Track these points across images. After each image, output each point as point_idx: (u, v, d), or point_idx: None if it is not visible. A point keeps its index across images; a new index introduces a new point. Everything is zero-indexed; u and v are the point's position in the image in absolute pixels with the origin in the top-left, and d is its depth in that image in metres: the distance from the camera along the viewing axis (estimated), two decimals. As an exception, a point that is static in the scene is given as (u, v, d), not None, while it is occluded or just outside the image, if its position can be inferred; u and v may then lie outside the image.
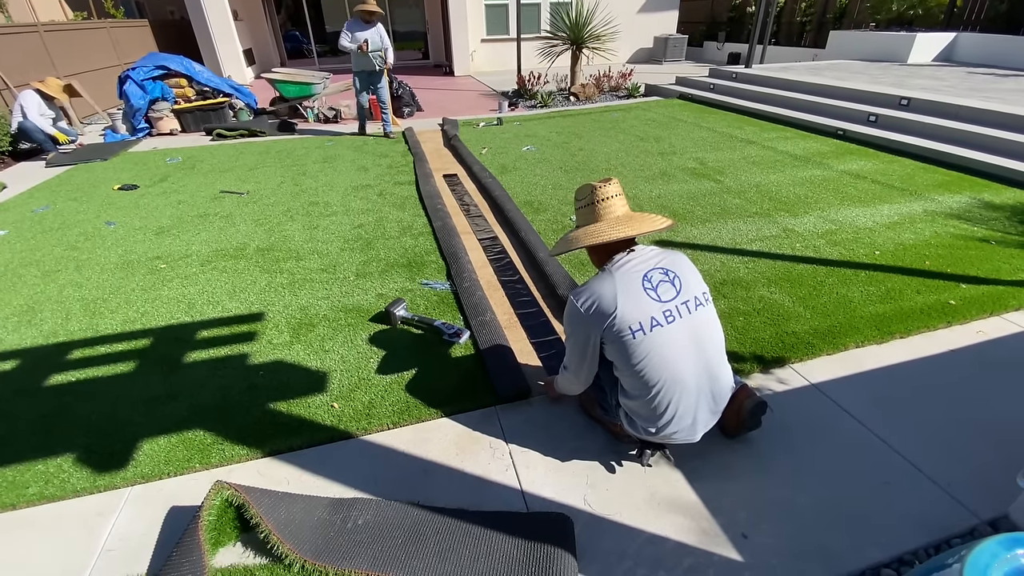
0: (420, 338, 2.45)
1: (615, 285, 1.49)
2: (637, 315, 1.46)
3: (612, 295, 1.48)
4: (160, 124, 6.96)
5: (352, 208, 4.14)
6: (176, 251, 3.47)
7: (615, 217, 1.58)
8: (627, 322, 1.46)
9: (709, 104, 7.97)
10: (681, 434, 1.57)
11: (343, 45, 5.50)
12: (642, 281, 1.50)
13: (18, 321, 2.70)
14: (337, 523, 1.53)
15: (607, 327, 1.48)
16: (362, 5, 5.43)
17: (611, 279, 1.51)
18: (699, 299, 1.54)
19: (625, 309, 1.46)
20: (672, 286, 1.51)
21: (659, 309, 1.48)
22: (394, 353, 2.35)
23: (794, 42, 12.82)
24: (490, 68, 13.23)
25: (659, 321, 1.47)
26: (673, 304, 1.49)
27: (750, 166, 4.87)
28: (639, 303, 1.47)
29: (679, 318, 1.49)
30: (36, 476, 1.77)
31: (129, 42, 10.58)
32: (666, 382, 1.48)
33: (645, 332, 1.46)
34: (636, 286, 1.49)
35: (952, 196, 4.01)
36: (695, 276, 1.58)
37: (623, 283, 1.49)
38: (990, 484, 1.64)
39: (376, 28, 5.59)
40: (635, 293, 1.48)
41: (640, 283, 1.50)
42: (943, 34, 9.53)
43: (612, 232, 1.54)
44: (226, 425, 1.96)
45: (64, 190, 4.85)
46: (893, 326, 2.41)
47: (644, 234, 1.57)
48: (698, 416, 1.55)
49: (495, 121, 7.21)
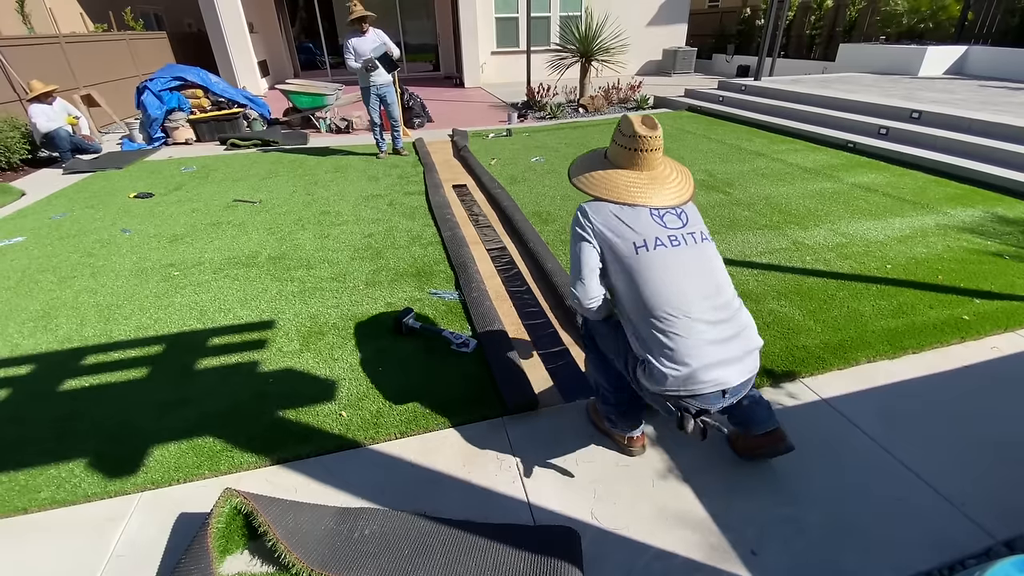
0: (428, 348, 2.46)
1: (622, 207, 1.50)
2: (642, 233, 1.46)
3: (618, 213, 1.49)
4: (176, 134, 7.10)
5: (362, 218, 4.18)
6: (189, 259, 3.52)
7: (649, 175, 1.54)
8: (632, 237, 1.45)
9: (718, 116, 7.98)
10: (709, 378, 1.38)
11: (349, 66, 5.33)
12: (649, 210, 1.50)
13: (34, 326, 2.75)
14: (344, 533, 1.53)
15: (612, 239, 1.47)
16: (350, 15, 5.16)
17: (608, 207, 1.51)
18: (704, 235, 1.53)
19: (630, 225, 1.47)
20: (678, 218, 1.51)
21: (664, 233, 1.47)
22: (402, 362, 2.36)
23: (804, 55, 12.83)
24: (500, 80, 13.37)
25: (663, 242, 1.45)
26: (679, 232, 1.48)
27: (759, 178, 4.86)
28: (645, 224, 1.47)
29: (685, 244, 1.47)
30: (48, 480, 1.79)
31: (147, 53, 10.82)
32: (673, 303, 1.39)
33: (648, 249, 1.44)
34: (643, 210, 1.50)
35: (965, 210, 3.97)
36: (700, 217, 1.59)
37: (631, 207, 1.50)
38: (1006, 503, 1.61)
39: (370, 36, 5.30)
40: (642, 216, 1.49)
41: (647, 210, 1.50)
42: (954, 47, 9.50)
43: (641, 196, 1.51)
44: (236, 432, 1.97)
45: (81, 197, 4.94)
46: (905, 341, 2.39)
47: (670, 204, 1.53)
48: (720, 353, 1.39)
49: (504, 132, 7.27)
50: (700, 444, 1.86)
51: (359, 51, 5.25)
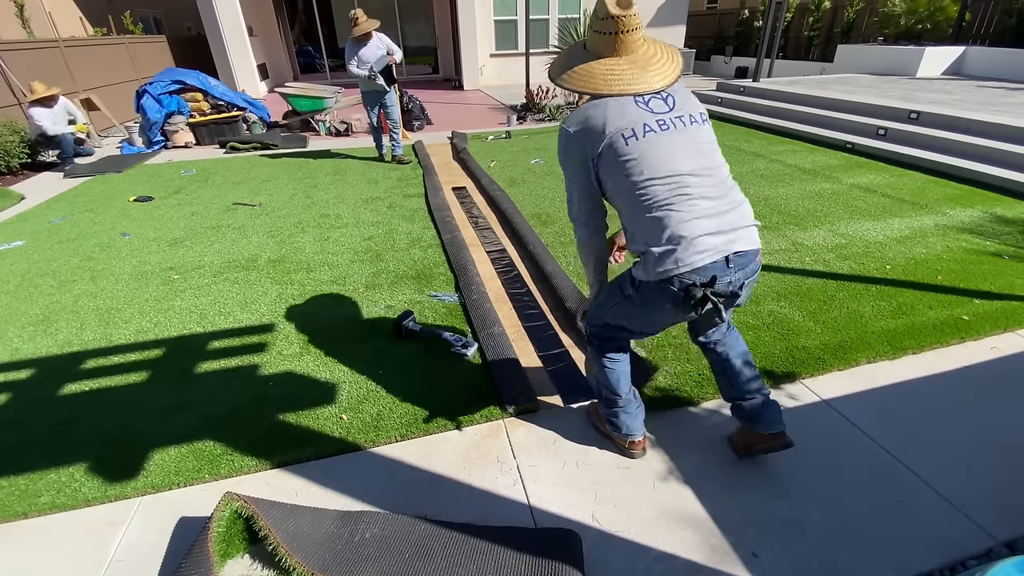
0: (428, 350, 2.46)
1: (607, 105, 1.39)
2: (628, 122, 1.36)
3: (603, 113, 1.38)
4: (176, 137, 7.10)
5: (362, 220, 4.19)
6: (189, 262, 3.52)
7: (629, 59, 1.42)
8: (619, 130, 1.36)
9: (717, 118, 7.99)
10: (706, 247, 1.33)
11: (352, 71, 5.23)
12: (633, 98, 1.40)
13: (34, 330, 2.75)
14: (345, 536, 1.53)
15: (599, 142, 1.38)
16: (354, 30, 5.09)
17: (603, 102, 1.40)
18: (694, 117, 1.43)
19: (616, 121, 1.36)
20: (664, 103, 1.41)
21: (652, 118, 1.38)
22: (402, 365, 2.36)
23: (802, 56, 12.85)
24: (499, 82, 13.39)
25: (652, 128, 1.36)
26: (667, 116, 1.39)
27: (758, 179, 4.87)
28: (630, 114, 1.37)
29: (674, 128, 1.38)
30: (48, 485, 1.79)
31: (147, 57, 10.84)
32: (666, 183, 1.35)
33: (637, 137, 1.35)
34: (627, 101, 1.39)
35: (964, 210, 3.98)
36: (690, 98, 1.48)
37: (614, 102, 1.39)
38: (1007, 504, 1.61)
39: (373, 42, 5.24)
40: (627, 107, 1.38)
41: (632, 100, 1.39)
42: (952, 48, 9.52)
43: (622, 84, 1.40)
44: (236, 436, 1.97)
45: (81, 201, 4.95)
46: (905, 342, 2.39)
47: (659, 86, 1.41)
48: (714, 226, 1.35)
49: (504, 134, 7.28)
50: (700, 447, 1.86)
51: (363, 58, 5.19)
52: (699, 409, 2.05)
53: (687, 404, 2.07)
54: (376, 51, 5.21)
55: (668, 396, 2.08)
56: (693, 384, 2.15)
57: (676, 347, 2.39)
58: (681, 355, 2.34)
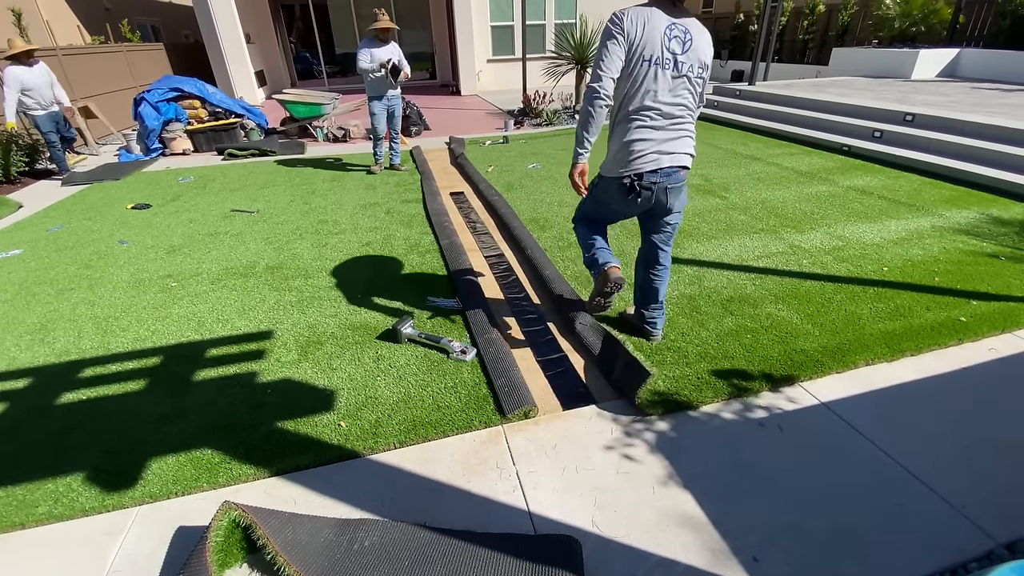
0: (427, 356, 2.46)
1: (650, 16, 1.86)
2: (649, 45, 1.86)
3: (643, 22, 1.86)
4: (173, 144, 7.11)
5: (360, 226, 4.19)
6: (187, 269, 3.51)
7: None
8: (642, 44, 1.86)
9: (713, 121, 8.03)
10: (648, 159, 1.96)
11: (362, 67, 5.07)
12: (666, 27, 1.87)
13: (31, 339, 2.74)
14: (343, 544, 1.52)
15: (629, 36, 1.86)
16: (376, 23, 5.05)
17: (651, 11, 1.88)
18: (693, 67, 1.92)
19: (645, 35, 1.85)
20: (681, 44, 1.89)
21: (665, 54, 1.87)
22: (401, 371, 2.35)
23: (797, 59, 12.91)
24: (496, 87, 13.43)
25: (659, 62, 1.87)
26: (676, 57, 1.88)
27: (755, 182, 4.88)
28: (654, 41, 1.86)
29: (673, 70, 1.89)
30: (46, 495, 1.78)
31: (145, 65, 10.86)
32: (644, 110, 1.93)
33: (649, 64, 1.87)
34: (660, 28, 1.86)
35: (960, 211, 3.99)
36: (705, 47, 1.94)
37: (654, 21, 1.86)
38: (1007, 506, 1.61)
39: (392, 46, 5.22)
40: (655, 32, 1.86)
41: (665, 28, 1.86)
42: (946, 50, 9.57)
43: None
44: (234, 444, 1.96)
45: (79, 209, 4.94)
46: (903, 343, 2.39)
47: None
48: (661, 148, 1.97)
49: (501, 139, 7.30)
50: (699, 451, 1.87)
51: (376, 57, 5.04)
52: (698, 413, 2.05)
53: (686, 408, 2.07)
54: (390, 54, 5.14)
55: (667, 400, 2.08)
56: (692, 388, 2.15)
57: (675, 351, 2.40)
58: (680, 359, 2.34)
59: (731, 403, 2.09)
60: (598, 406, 2.12)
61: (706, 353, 2.37)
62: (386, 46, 5.13)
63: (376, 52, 5.05)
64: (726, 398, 2.11)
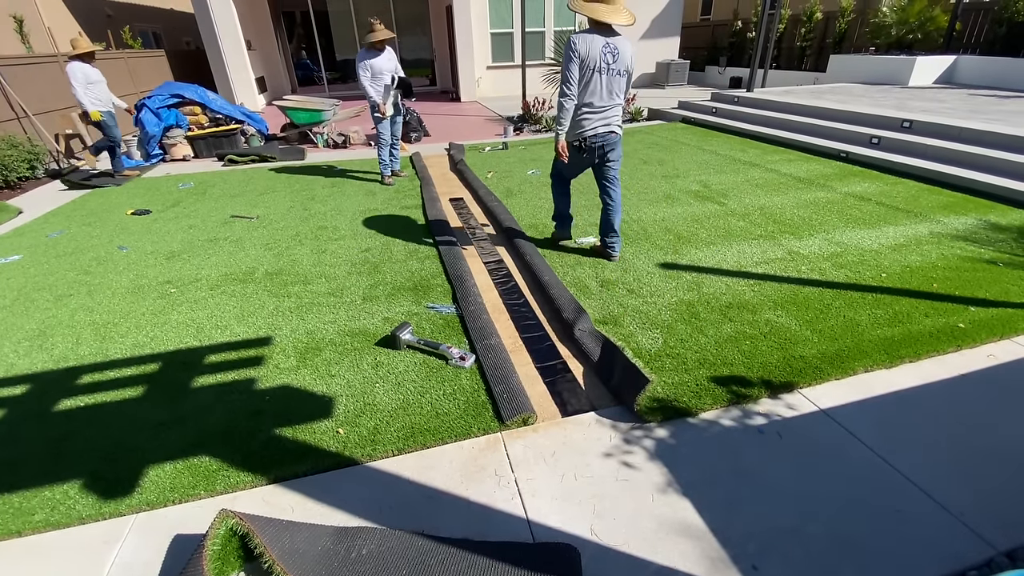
0: (426, 362, 2.46)
1: (594, 39, 2.91)
2: (592, 58, 2.91)
3: (588, 45, 2.90)
4: (174, 150, 7.13)
5: (359, 232, 4.20)
6: (186, 275, 3.51)
7: (614, 8, 2.89)
8: (591, 58, 2.91)
9: (712, 128, 8.06)
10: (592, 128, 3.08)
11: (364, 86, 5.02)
12: (602, 46, 2.92)
13: (30, 345, 2.74)
14: (341, 553, 1.51)
15: (582, 55, 2.89)
16: (371, 35, 5.00)
17: (595, 37, 2.91)
18: (620, 72, 3.01)
19: (590, 53, 2.90)
20: (613, 56, 2.95)
21: (602, 63, 2.93)
22: (399, 378, 2.35)
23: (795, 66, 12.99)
24: (496, 94, 13.49)
25: (600, 69, 2.94)
26: (609, 65, 2.95)
27: (754, 188, 4.90)
28: (596, 55, 2.91)
29: (608, 74, 2.97)
30: (43, 503, 1.77)
31: (146, 71, 10.91)
32: (591, 101, 3.01)
33: (592, 71, 2.94)
34: (599, 46, 2.91)
35: (958, 217, 4.00)
36: (629, 56, 3.00)
37: (595, 41, 2.91)
38: (1006, 513, 1.60)
39: (386, 54, 5.13)
40: (597, 50, 2.91)
41: (600, 47, 2.91)
42: (943, 57, 9.64)
43: (611, 17, 2.89)
44: (232, 451, 1.96)
45: (78, 215, 4.95)
46: (902, 350, 2.39)
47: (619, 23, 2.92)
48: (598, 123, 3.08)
49: (500, 145, 7.32)
50: (698, 458, 1.86)
51: (376, 68, 5.00)
52: (697, 420, 2.05)
53: (685, 415, 2.06)
54: (389, 63, 5.10)
55: (666, 407, 2.08)
56: (691, 394, 2.15)
57: (674, 358, 2.40)
58: (679, 366, 2.34)
59: (730, 410, 2.09)
60: (597, 413, 2.11)
61: (705, 359, 2.37)
62: (383, 54, 5.11)
63: (375, 63, 4.99)
64: (725, 405, 2.11)
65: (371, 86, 5.03)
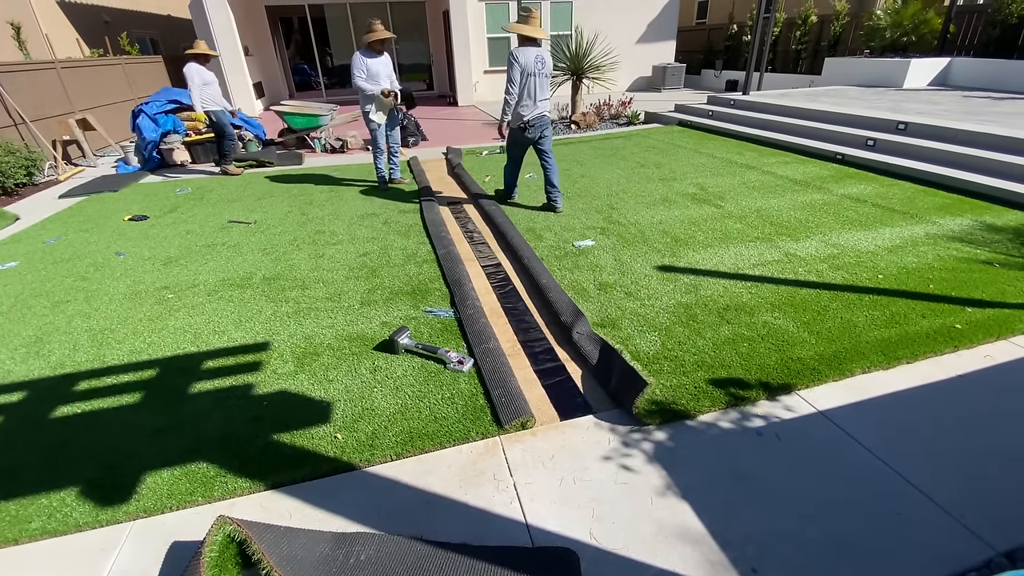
0: (424, 366, 2.45)
1: (529, 53, 4.03)
2: (530, 67, 4.03)
3: (524, 56, 4.01)
4: (171, 156, 7.13)
5: (357, 236, 4.20)
6: (184, 281, 3.51)
7: (536, 28, 4.07)
8: (528, 66, 4.03)
9: (708, 131, 8.09)
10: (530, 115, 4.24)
11: (359, 86, 4.90)
12: (534, 56, 4.05)
13: (26, 352, 2.73)
14: (340, 559, 1.51)
15: (522, 64, 4.02)
16: (371, 34, 4.87)
17: (529, 50, 4.05)
18: (547, 75, 4.18)
19: (528, 62, 4.03)
20: (542, 64, 4.11)
21: (536, 69, 4.07)
22: (397, 382, 2.35)
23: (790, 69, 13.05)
24: (493, 98, 13.52)
25: (534, 74, 4.08)
26: (539, 71, 4.10)
27: (750, 191, 4.91)
28: (531, 64, 4.03)
29: (539, 77, 4.12)
30: (39, 510, 1.76)
31: (143, 77, 10.91)
32: (529, 96, 4.17)
33: (529, 76, 4.07)
34: (533, 56, 4.04)
35: (953, 219, 4.02)
36: (551, 65, 4.21)
37: (529, 53, 4.03)
38: (1005, 514, 1.61)
39: (384, 58, 5.05)
40: (532, 59, 4.03)
41: (534, 57, 4.05)
42: (937, 59, 9.70)
43: (537, 33, 4.06)
44: (229, 457, 1.95)
45: (76, 221, 4.94)
46: (899, 351, 2.40)
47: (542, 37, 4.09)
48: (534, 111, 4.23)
49: (498, 150, 7.34)
50: (697, 461, 1.86)
51: (372, 70, 4.89)
52: (696, 422, 2.05)
53: (684, 417, 2.06)
54: (385, 67, 5.01)
55: (665, 409, 2.08)
56: (689, 397, 2.15)
57: (672, 360, 2.40)
58: (677, 368, 2.34)
59: (728, 412, 2.09)
60: (595, 416, 2.11)
61: (703, 362, 2.38)
62: (380, 57, 5.01)
63: (371, 63, 4.88)
64: (723, 407, 2.11)
65: (366, 83, 4.89)
